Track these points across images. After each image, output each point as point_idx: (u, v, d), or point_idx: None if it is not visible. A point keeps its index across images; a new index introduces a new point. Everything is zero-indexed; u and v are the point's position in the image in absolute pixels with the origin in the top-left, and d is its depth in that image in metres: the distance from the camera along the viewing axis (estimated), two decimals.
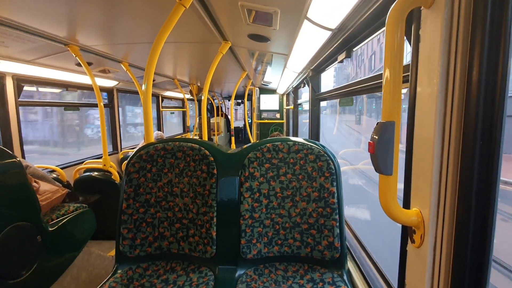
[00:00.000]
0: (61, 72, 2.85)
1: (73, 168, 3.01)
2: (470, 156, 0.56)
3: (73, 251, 1.99)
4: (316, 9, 1.24)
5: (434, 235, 0.63)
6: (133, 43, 2.22)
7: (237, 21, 1.66)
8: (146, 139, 1.53)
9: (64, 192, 2.13)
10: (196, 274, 1.25)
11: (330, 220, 1.28)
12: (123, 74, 3.31)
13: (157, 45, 1.42)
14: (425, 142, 0.64)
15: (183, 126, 7.33)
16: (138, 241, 1.34)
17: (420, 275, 0.67)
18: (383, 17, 1.03)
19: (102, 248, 2.44)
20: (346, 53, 1.50)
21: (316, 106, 2.53)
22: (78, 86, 3.39)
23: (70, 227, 1.92)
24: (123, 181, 1.36)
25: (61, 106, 3.74)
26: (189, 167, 1.38)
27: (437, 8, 0.58)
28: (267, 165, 1.35)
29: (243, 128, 9.41)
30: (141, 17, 1.67)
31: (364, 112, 10.81)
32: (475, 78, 0.54)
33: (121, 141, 4.28)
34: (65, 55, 2.28)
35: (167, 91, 5.70)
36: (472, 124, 0.55)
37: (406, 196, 0.73)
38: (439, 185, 0.61)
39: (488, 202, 0.55)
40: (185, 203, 1.37)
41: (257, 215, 1.32)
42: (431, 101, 0.61)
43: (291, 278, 1.23)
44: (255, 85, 5.83)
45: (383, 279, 1.18)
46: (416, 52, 0.68)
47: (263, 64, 3.24)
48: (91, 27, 1.82)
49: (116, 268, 1.30)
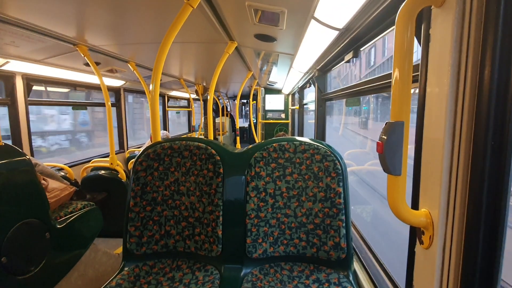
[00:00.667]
0: (70, 71, 2.89)
1: (81, 167, 3.06)
2: (481, 157, 0.55)
3: (81, 248, 2.02)
4: (323, 9, 1.24)
5: (443, 237, 0.62)
6: (141, 43, 2.24)
7: (244, 21, 1.66)
8: (153, 138, 1.54)
9: (72, 190, 2.16)
10: (202, 273, 1.26)
11: (337, 221, 1.27)
12: (130, 74, 3.35)
13: (164, 45, 1.43)
14: (435, 142, 0.63)
15: (189, 126, 7.39)
16: (144, 239, 1.35)
17: (428, 277, 0.66)
18: (391, 17, 1.02)
19: (109, 245, 2.47)
20: (353, 52, 1.49)
21: (322, 106, 2.53)
22: (86, 86, 3.44)
23: (77, 224, 1.95)
24: (131, 179, 1.37)
25: (70, 106, 3.80)
26: (196, 166, 1.39)
27: (448, 7, 0.58)
28: (273, 164, 1.35)
29: (248, 128, 9.42)
30: (149, 18, 1.68)
31: (370, 114, 10.46)
32: (487, 78, 0.54)
33: (128, 140, 4.33)
34: (73, 55, 2.31)
35: (173, 90, 5.74)
36: (484, 124, 0.54)
37: (415, 197, 0.72)
38: (449, 185, 0.60)
39: (500, 204, 0.55)
40: (192, 202, 1.37)
41: (263, 214, 1.32)
42: (441, 101, 0.61)
43: (296, 278, 1.22)
44: (261, 85, 5.83)
45: (389, 281, 1.16)
46: (426, 51, 0.67)
47: (269, 64, 3.24)
48: (99, 27, 1.84)
49: (123, 265, 1.31)
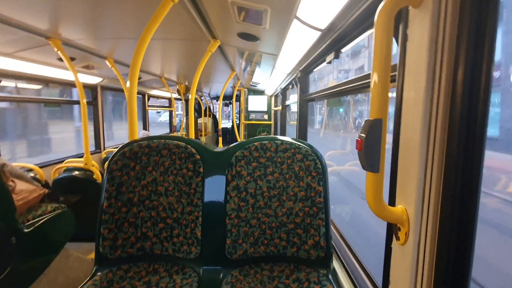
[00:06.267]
0: (42, 66, 2.73)
1: (53, 167, 2.89)
2: (454, 155, 0.56)
3: (51, 253, 1.90)
4: (306, 9, 1.25)
5: (418, 232, 0.63)
6: (119, 38, 2.15)
7: (227, 19, 1.64)
8: (130, 137, 1.48)
9: (41, 192, 2.03)
10: (180, 276, 1.21)
11: (317, 220, 1.28)
12: (108, 71, 3.21)
13: (143, 41, 1.38)
14: (411, 141, 0.64)
15: (170, 126, 7.24)
16: (119, 241, 1.29)
17: (404, 272, 0.67)
18: (372, 17, 1.04)
19: (82, 250, 2.34)
20: (334, 54, 1.51)
21: (304, 107, 2.55)
22: (60, 82, 3.26)
23: (47, 228, 1.83)
24: (104, 179, 1.31)
25: (41, 103, 3.58)
26: (175, 165, 1.35)
27: (425, 8, 0.59)
28: (255, 164, 1.33)
29: (231, 129, 9.37)
30: (128, 11, 1.61)
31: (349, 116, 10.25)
32: (460, 77, 0.55)
33: (105, 140, 4.15)
34: (46, 49, 2.18)
35: (153, 89, 5.60)
36: (457, 124, 0.56)
37: (392, 194, 0.73)
38: (424, 182, 0.62)
39: (471, 201, 0.56)
40: (170, 202, 1.33)
41: (244, 214, 1.30)
42: (418, 100, 0.62)
43: (276, 278, 1.21)
44: (244, 85, 5.82)
45: (367, 277, 1.18)
46: (403, 51, 0.68)
47: (252, 64, 3.23)
48: (74, 20, 1.75)
49: (95, 270, 1.24)
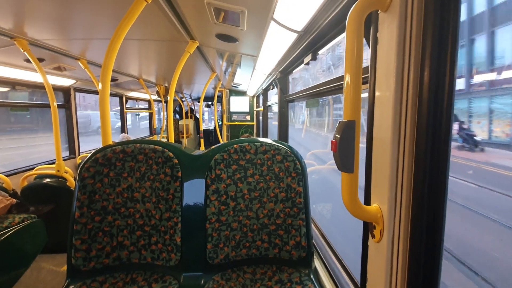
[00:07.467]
0: (8, 68, 2.56)
1: (22, 175, 2.71)
2: (422, 154, 0.58)
3: (20, 267, 1.78)
4: (282, 11, 1.25)
5: (392, 230, 0.65)
6: (91, 38, 2.06)
7: (204, 20, 1.61)
8: (103, 141, 1.42)
9: (8, 202, 1.90)
10: (160, 284, 1.18)
11: (297, 220, 1.28)
12: (81, 73, 3.07)
13: (115, 41, 1.33)
14: (383, 141, 0.66)
15: (150, 129, 7.05)
16: (93, 252, 1.22)
17: (380, 268, 0.68)
18: (345, 20, 1.06)
19: (55, 262, 2.21)
20: (311, 55, 1.53)
21: (284, 108, 2.57)
22: (28, 85, 3.07)
23: (15, 240, 1.71)
24: (76, 187, 1.24)
25: (7, 106, 3.36)
26: (152, 171, 1.30)
27: (393, 12, 0.61)
28: (234, 166, 1.32)
29: (213, 131, 9.27)
30: (100, 10, 1.55)
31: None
32: (426, 79, 0.57)
33: (79, 145, 3.96)
34: (11, 50, 2.05)
35: (132, 91, 5.42)
36: (424, 123, 0.58)
37: (367, 193, 0.75)
38: (396, 181, 0.63)
39: (439, 197, 0.58)
40: (147, 209, 1.28)
41: (224, 218, 1.29)
42: (388, 101, 0.63)
43: (259, 281, 1.21)
44: (225, 86, 5.78)
45: (347, 275, 1.20)
46: (374, 54, 0.70)
47: (233, 66, 3.21)
48: (41, 19, 1.65)
49: (68, 283, 1.17)
